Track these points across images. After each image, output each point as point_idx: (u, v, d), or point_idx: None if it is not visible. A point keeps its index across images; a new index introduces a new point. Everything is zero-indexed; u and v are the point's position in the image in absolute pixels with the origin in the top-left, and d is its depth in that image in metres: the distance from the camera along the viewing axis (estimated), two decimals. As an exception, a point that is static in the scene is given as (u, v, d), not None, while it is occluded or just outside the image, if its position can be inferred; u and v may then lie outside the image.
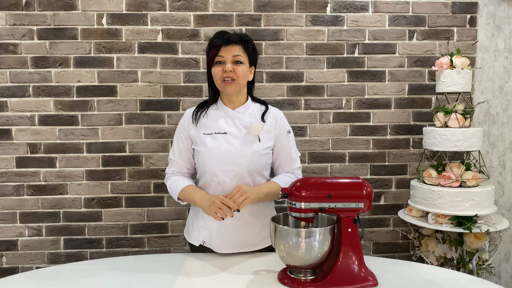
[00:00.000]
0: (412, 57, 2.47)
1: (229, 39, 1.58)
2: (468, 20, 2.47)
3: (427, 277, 1.45)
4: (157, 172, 2.42)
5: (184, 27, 2.36)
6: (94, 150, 2.38)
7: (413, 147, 2.51)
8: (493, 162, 2.56)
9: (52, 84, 2.34)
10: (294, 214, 1.36)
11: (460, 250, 2.15)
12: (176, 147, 1.69)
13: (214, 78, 1.62)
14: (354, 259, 1.34)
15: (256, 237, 1.65)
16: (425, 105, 2.50)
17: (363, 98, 2.47)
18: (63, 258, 2.42)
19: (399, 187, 2.53)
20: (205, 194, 1.59)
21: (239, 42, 1.59)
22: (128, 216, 2.43)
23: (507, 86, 2.53)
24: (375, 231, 2.54)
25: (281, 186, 1.61)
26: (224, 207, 1.48)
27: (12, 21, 2.30)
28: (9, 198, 2.37)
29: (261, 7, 2.38)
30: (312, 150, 2.47)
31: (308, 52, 2.42)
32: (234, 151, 1.58)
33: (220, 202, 1.49)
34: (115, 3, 2.32)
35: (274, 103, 2.40)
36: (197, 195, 1.58)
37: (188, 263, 1.56)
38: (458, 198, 2.08)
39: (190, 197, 1.60)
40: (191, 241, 1.69)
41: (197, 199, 1.57)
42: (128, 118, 2.38)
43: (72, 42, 2.33)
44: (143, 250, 2.45)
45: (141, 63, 2.36)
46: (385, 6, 2.43)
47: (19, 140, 2.36)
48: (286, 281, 1.35)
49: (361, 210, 1.33)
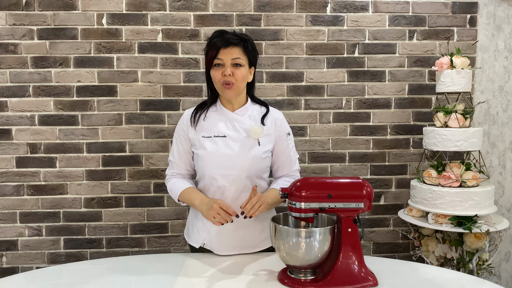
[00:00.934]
0: (412, 57, 2.47)
1: (228, 40, 1.52)
2: (468, 20, 2.47)
3: (427, 277, 1.45)
4: (157, 172, 2.42)
5: (184, 27, 2.36)
6: (94, 150, 2.38)
7: (413, 147, 2.51)
8: (493, 162, 2.56)
9: (52, 84, 2.34)
10: (294, 214, 1.35)
11: (460, 250, 2.15)
12: (176, 149, 1.67)
13: (213, 81, 1.58)
14: (354, 259, 1.34)
15: (256, 239, 1.64)
16: (425, 105, 2.50)
17: (363, 98, 2.47)
18: (63, 258, 2.42)
19: (399, 187, 2.53)
20: (204, 197, 1.56)
21: (239, 43, 1.54)
22: (128, 216, 2.43)
23: (507, 86, 2.53)
24: (375, 231, 2.54)
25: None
26: (222, 212, 1.46)
27: (12, 21, 2.30)
28: (9, 198, 2.37)
29: (261, 7, 2.38)
30: (312, 150, 2.47)
31: (308, 52, 2.42)
32: (234, 155, 1.56)
33: (219, 207, 1.46)
34: (115, 3, 2.32)
35: (274, 103, 2.40)
36: (196, 199, 1.56)
37: (188, 263, 1.56)
38: (458, 198, 2.08)
39: (190, 200, 1.59)
40: (191, 243, 1.69)
41: (197, 203, 1.55)
42: (128, 118, 2.38)
43: (72, 42, 2.33)
44: (143, 250, 2.45)
45: (141, 63, 2.36)
46: (385, 6, 2.43)
47: (19, 140, 2.36)
48: (286, 281, 1.35)
49: (361, 210, 1.33)
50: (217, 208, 1.46)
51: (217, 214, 1.46)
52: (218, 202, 1.48)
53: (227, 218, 1.46)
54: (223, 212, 1.46)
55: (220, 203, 1.47)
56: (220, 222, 1.47)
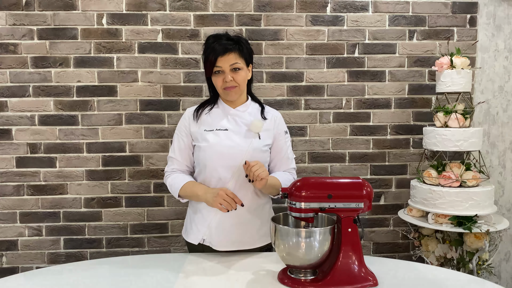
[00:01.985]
0: (412, 57, 2.47)
1: (225, 47, 1.57)
2: (468, 20, 2.47)
3: (427, 277, 1.45)
4: (157, 172, 2.42)
5: (184, 27, 2.36)
6: (94, 150, 2.38)
7: (413, 147, 2.51)
8: (493, 162, 2.56)
9: (52, 84, 2.34)
10: (294, 214, 1.36)
11: (460, 250, 2.15)
12: (177, 145, 1.70)
13: (215, 86, 1.65)
14: (354, 259, 1.34)
15: (255, 234, 1.66)
16: (425, 105, 2.50)
17: (363, 98, 2.47)
18: (63, 258, 2.42)
19: (399, 187, 2.53)
20: (208, 188, 1.61)
21: (235, 48, 1.59)
22: (128, 216, 2.43)
23: (507, 86, 2.53)
24: (375, 231, 2.54)
25: (281, 181, 1.63)
26: (228, 198, 1.51)
27: (12, 21, 2.30)
28: (9, 198, 2.37)
29: (261, 7, 2.38)
30: (312, 150, 2.47)
31: (308, 52, 2.42)
32: (236, 146, 1.60)
33: (225, 194, 1.52)
34: (115, 3, 2.32)
35: (274, 103, 2.41)
36: (200, 190, 1.60)
37: (188, 263, 1.56)
38: (458, 198, 2.08)
39: (193, 192, 1.62)
40: (190, 240, 1.69)
41: (201, 193, 1.59)
42: (128, 118, 2.38)
43: (72, 42, 2.33)
44: (143, 250, 2.45)
45: (141, 63, 2.36)
46: (385, 6, 2.43)
47: (19, 140, 2.36)
48: (286, 281, 1.35)
49: (361, 210, 1.33)
50: (223, 195, 1.51)
51: (223, 200, 1.51)
52: (223, 189, 1.54)
53: (233, 204, 1.51)
54: (229, 198, 1.51)
55: (225, 190, 1.53)
56: (226, 209, 1.52)
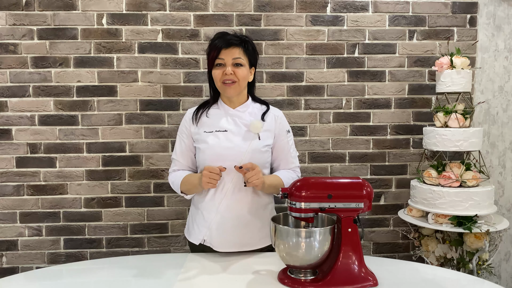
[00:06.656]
0: (412, 57, 2.47)
1: (229, 41, 1.59)
2: (468, 20, 2.47)
3: (427, 277, 1.45)
4: (157, 172, 2.42)
5: (184, 27, 2.36)
6: (94, 150, 2.38)
7: (413, 147, 2.51)
8: (493, 162, 2.56)
9: (52, 84, 2.34)
10: (294, 214, 1.36)
11: (460, 250, 2.15)
12: (178, 146, 1.72)
13: (214, 80, 1.64)
14: (354, 259, 1.34)
15: (255, 236, 1.65)
16: (425, 105, 2.50)
17: (363, 98, 2.47)
18: (63, 258, 2.42)
19: (399, 187, 2.53)
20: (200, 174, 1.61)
21: (239, 44, 1.61)
22: (128, 216, 2.43)
23: (507, 86, 2.53)
24: (375, 231, 2.54)
25: (283, 180, 1.64)
26: (211, 174, 1.51)
27: (12, 21, 2.30)
28: (9, 198, 2.37)
29: (261, 7, 2.38)
30: (312, 150, 2.47)
31: (308, 52, 2.42)
32: (235, 148, 1.60)
33: (207, 172, 1.52)
34: (115, 3, 2.32)
35: (274, 103, 2.40)
36: (196, 178, 1.61)
37: (188, 263, 1.56)
38: (458, 198, 2.08)
39: (191, 184, 1.62)
40: (192, 240, 1.70)
41: (197, 181, 1.59)
42: (128, 118, 2.38)
43: (72, 42, 2.33)
44: (143, 250, 2.45)
45: (141, 63, 2.36)
46: (385, 6, 2.43)
47: (19, 140, 2.36)
48: (286, 281, 1.35)
49: (361, 210, 1.33)
50: (206, 173, 1.52)
51: (208, 178, 1.51)
52: (206, 167, 1.53)
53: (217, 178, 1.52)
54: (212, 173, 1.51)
55: (207, 168, 1.53)
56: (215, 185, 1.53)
